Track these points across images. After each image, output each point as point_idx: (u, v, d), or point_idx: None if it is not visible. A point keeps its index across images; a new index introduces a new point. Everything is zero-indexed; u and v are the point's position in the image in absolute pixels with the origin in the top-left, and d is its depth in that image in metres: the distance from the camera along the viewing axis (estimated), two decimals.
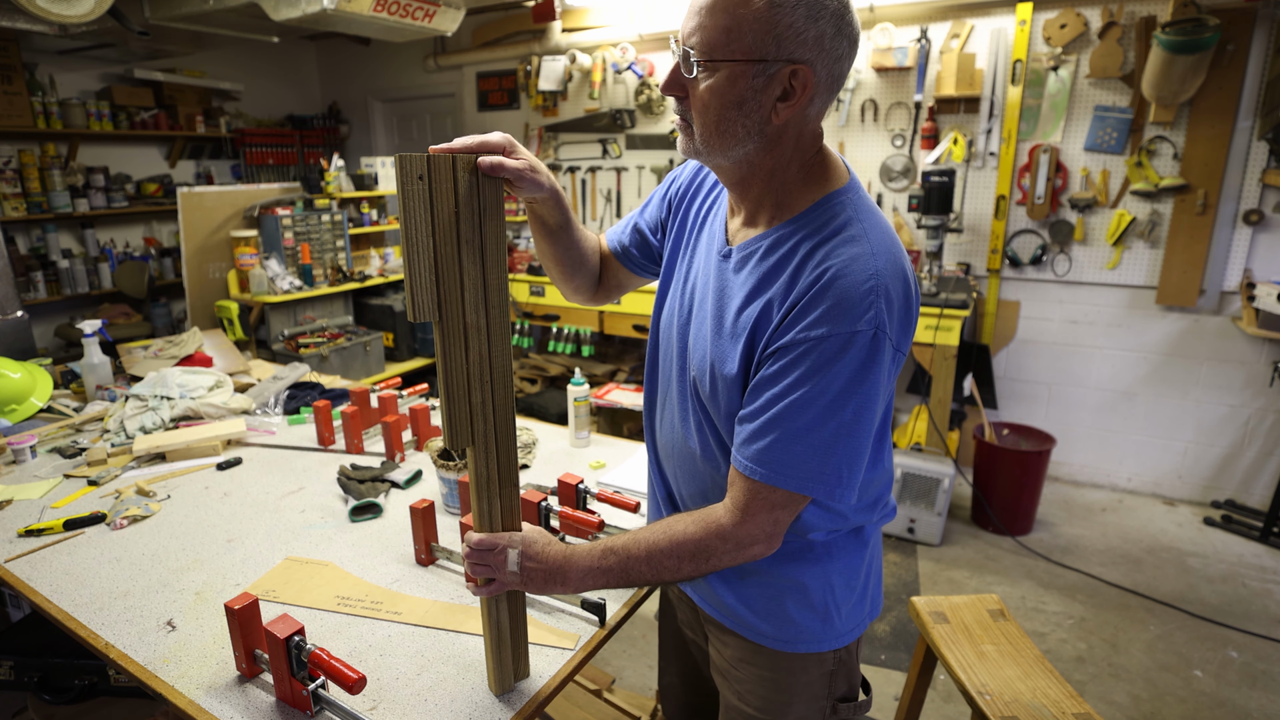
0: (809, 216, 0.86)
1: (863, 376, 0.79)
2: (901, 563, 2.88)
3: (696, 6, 0.81)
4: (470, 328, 0.85)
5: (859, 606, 1.02)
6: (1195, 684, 2.21)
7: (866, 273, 0.79)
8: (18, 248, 4.24)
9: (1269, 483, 3.16)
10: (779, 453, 0.82)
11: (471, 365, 0.86)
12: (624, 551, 0.90)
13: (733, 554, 0.87)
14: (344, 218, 4.16)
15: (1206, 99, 2.97)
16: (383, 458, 1.71)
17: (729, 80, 0.80)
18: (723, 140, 0.84)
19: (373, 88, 5.60)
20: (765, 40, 0.78)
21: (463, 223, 0.82)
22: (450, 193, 0.81)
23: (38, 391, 2.03)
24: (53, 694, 1.54)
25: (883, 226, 0.85)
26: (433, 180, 0.80)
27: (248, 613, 0.95)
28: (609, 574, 0.90)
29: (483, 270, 0.84)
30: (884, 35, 3.43)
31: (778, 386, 0.81)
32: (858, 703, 1.06)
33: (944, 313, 2.99)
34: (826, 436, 0.81)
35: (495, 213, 0.84)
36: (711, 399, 0.93)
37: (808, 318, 0.80)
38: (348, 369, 3.90)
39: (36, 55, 4.19)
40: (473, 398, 0.87)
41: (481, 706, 0.93)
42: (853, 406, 0.80)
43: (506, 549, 0.90)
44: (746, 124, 0.82)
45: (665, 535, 0.89)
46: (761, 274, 0.87)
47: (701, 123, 0.84)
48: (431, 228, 0.81)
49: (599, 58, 4.24)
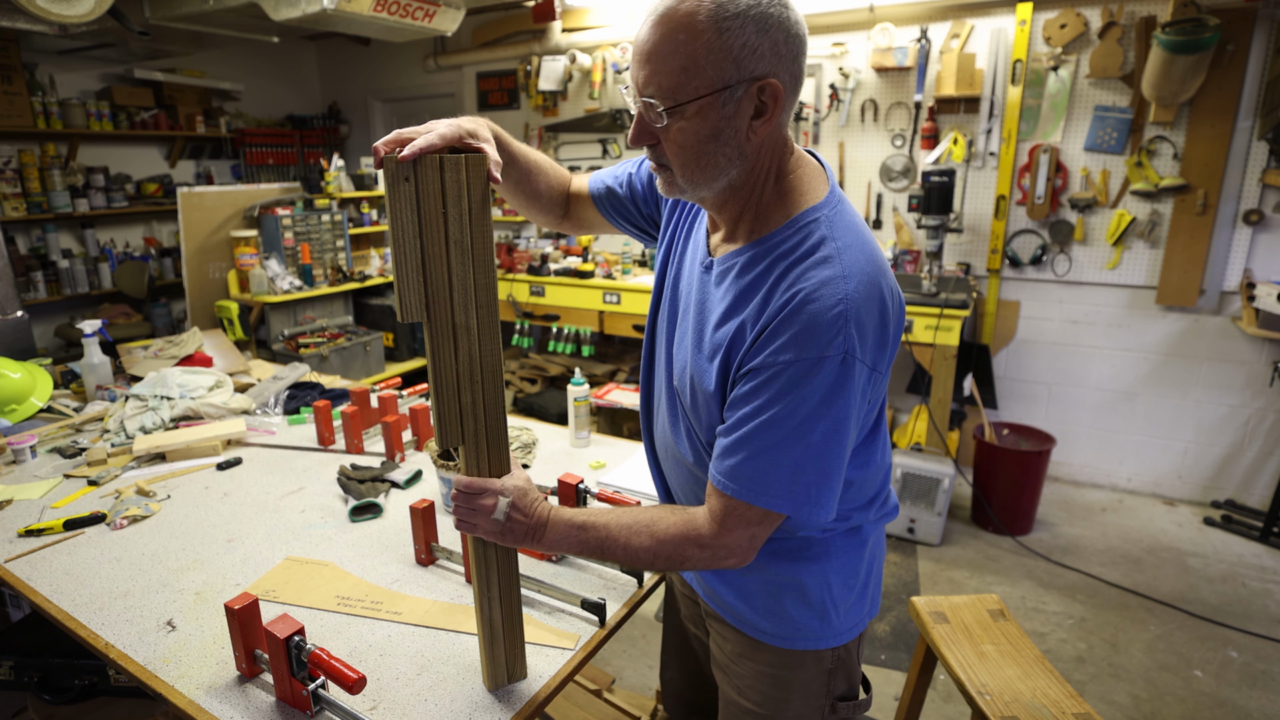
0: (782, 235, 0.86)
1: (831, 400, 0.79)
2: (901, 563, 2.88)
3: (644, 55, 0.79)
4: (459, 328, 0.85)
5: (858, 605, 1.02)
6: (1195, 684, 2.21)
7: (835, 297, 0.78)
8: (18, 248, 4.23)
9: (1269, 483, 3.16)
10: (749, 470, 0.83)
11: (461, 365, 0.86)
12: (604, 530, 0.90)
13: (707, 561, 0.88)
14: (344, 218, 4.16)
15: (1206, 99, 2.97)
16: (383, 458, 1.71)
17: (699, 116, 0.79)
18: (705, 173, 0.84)
19: (373, 88, 5.60)
20: (725, 67, 0.77)
21: (450, 223, 0.81)
22: (437, 194, 0.80)
23: (38, 391, 2.03)
24: (53, 694, 1.54)
25: (860, 244, 0.83)
26: (419, 182, 0.79)
27: (248, 613, 0.95)
28: (584, 546, 0.91)
29: (471, 270, 0.84)
30: (884, 35, 3.43)
31: (749, 407, 0.82)
32: (857, 701, 1.07)
33: (944, 313, 2.99)
34: (795, 457, 0.81)
35: (482, 212, 0.83)
36: (693, 409, 0.93)
37: (775, 342, 0.80)
38: (348, 369, 3.90)
39: (36, 55, 4.19)
40: (463, 397, 0.87)
41: (481, 706, 0.93)
42: (821, 430, 0.80)
43: (498, 496, 0.89)
44: (726, 152, 0.82)
45: (647, 530, 0.89)
46: (738, 291, 0.87)
47: (681, 163, 0.84)
48: (419, 229, 0.80)
49: (599, 58, 4.24)
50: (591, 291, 3.91)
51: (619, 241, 4.55)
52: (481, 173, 0.83)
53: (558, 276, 4.04)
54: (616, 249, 4.55)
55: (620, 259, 4.18)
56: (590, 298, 3.92)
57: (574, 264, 4.13)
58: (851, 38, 3.60)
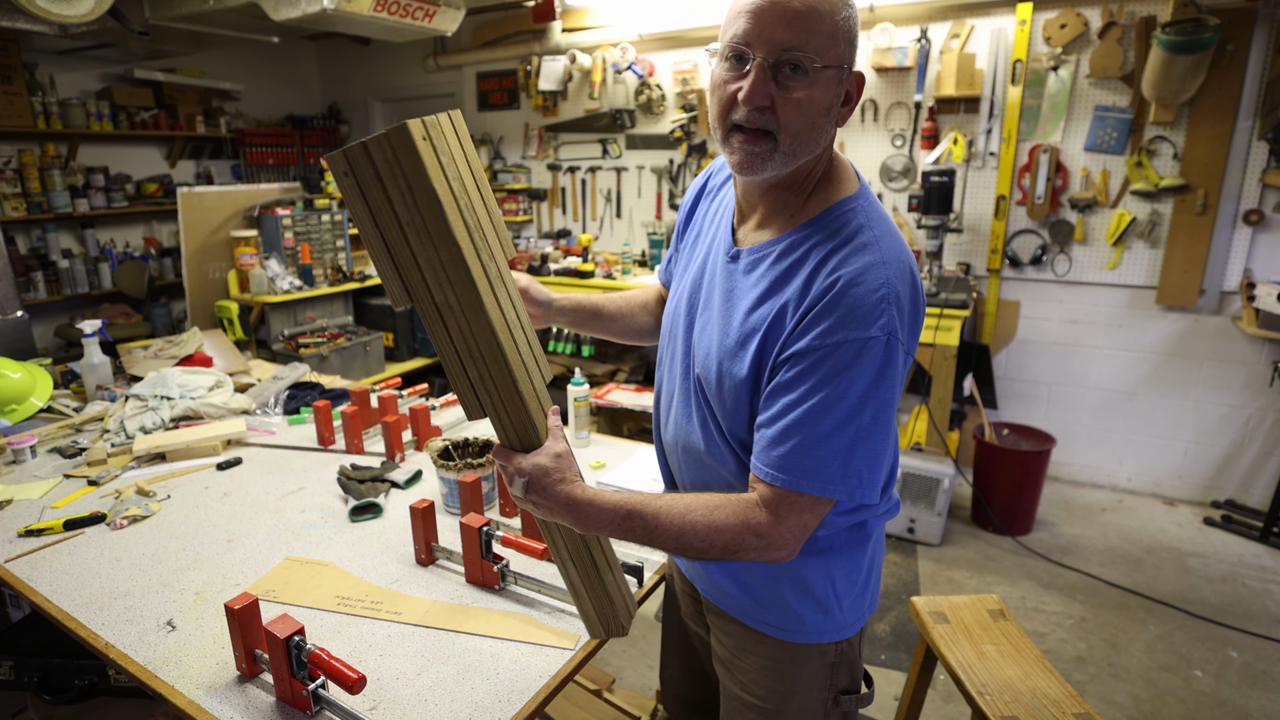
0: (822, 222, 0.88)
1: (879, 380, 0.81)
2: (901, 563, 2.88)
3: (792, 13, 0.80)
4: (442, 307, 0.83)
5: (860, 599, 1.03)
6: (1195, 684, 2.21)
7: (878, 281, 0.81)
8: (18, 248, 4.23)
9: (1269, 483, 3.16)
10: (799, 458, 0.83)
11: (457, 343, 0.85)
12: (653, 519, 0.87)
13: (760, 552, 0.86)
14: (344, 218, 4.16)
15: (1206, 99, 2.97)
16: (383, 458, 1.71)
17: (824, 86, 0.83)
18: (808, 145, 0.86)
19: (373, 88, 5.60)
20: (844, 48, 0.84)
21: (396, 205, 0.79)
22: (374, 179, 0.78)
23: (38, 391, 2.03)
24: (53, 694, 1.54)
25: (893, 233, 0.87)
26: (356, 172, 0.78)
27: (248, 613, 0.95)
28: (629, 534, 0.88)
29: (434, 248, 0.80)
30: (884, 35, 3.43)
31: (795, 393, 0.83)
32: (860, 695, 1.07)
33: (944, 313, 2.99)
34: (846, 441, 0.82)
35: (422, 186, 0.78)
36: (717, 397, 0.93)
37: (822, 324, 0.81)
38: (348, 369, 3.90)
39: (36, 55, 4.19)
40: (470, 373, 0.86)
41: (481, 706, 0.93)
42: (870, 410, 0.82)
43: (515, 476, 0.87)
44: (827, 129, 0.86)
45: (703, 520, 0.86)
46: (774, 277, 0.88)
47: (797, 129, 0.84)
48: (372, 219, 0.80)
49: (599, 58, 4.24)
50: (592, 292, 3.90)
51: (619, 241, 4.55)
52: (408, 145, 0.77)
53: (558, 276, 4.04)
54: (616, 249, 4.55)
55: (620, 259, 4.18)
56: None
57: (574, 264, 4.13)
58: None
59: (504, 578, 1.18)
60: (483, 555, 1.17)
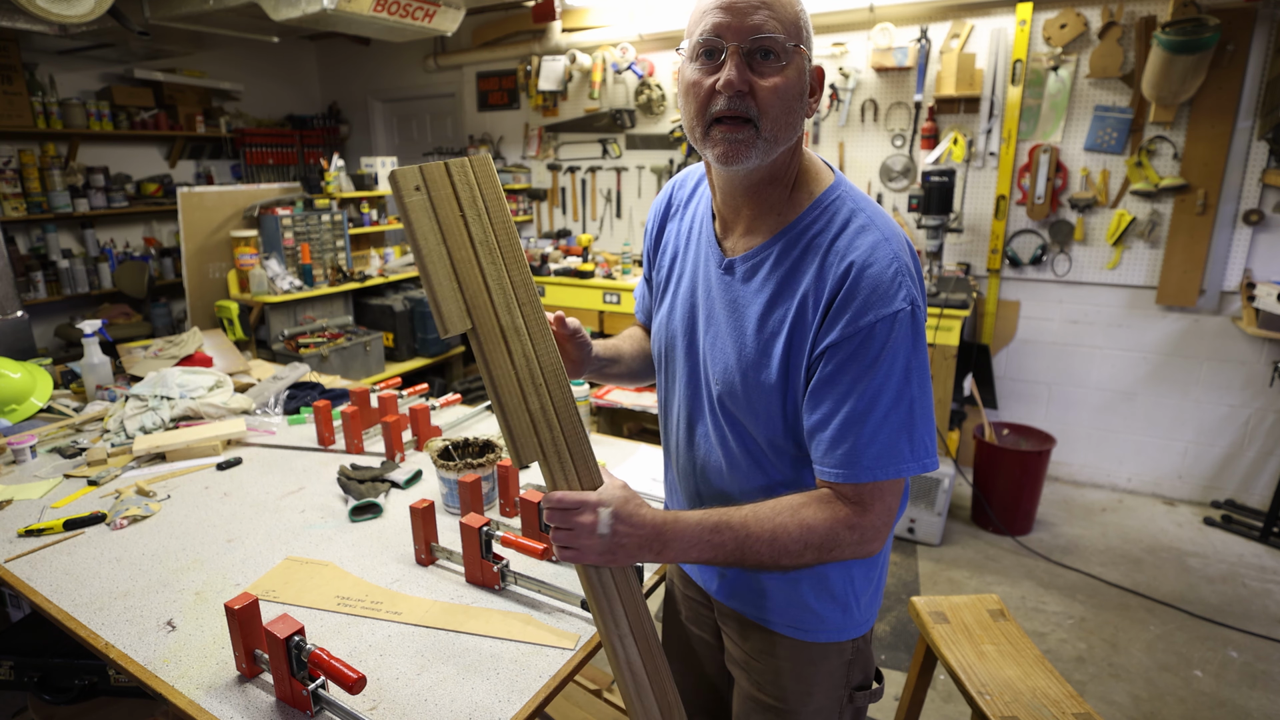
0: (811, 216, 0.89)
1: (916, 348, 0.83)
2: (901, 563, 2.88)
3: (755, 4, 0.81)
4: (507, 330, 0.81)
5: (875, 596, 1.04)
6: (1195, 684, 2.21)
7: (888, 257, 0.83)
8: (18, 248, 4.23)
9: (1269, 483, 3.16)
10: (865, 448, 0.83)
11: (520, 369, 0.82)
12: (742, 529, 0.83)
13: (854, 547, 0.85)
14: (344, 218, 4.16)
15: (1206, 99, 2.97)
16: (383, 458, 1.71)
17: (796, 70, 0.85)
18: (787, 129, 0.86)
19: (373, 88, 5.60)
20: (805, 36, 0.85)
21: (471, 224, 0.80)
22: (451, 197, 0.80)
23: (38, 391, 2.03)
24: (53, 694, 1.54)
25: (880, 211, 0.90)
26: (430, 189, 0.79)
27: (248, 613, 0.95)
28: (719, 550, 0.83)
29: (504, 268, 0.81)
30: (884, 35, 3.43)
31: (841, 386, 0.83)
32: (872, 690, 1.08)
33: (944, 313, 2.99)
34: (903, 415, 0.83)
35: (499, 208, 0.82)
36: (747, 408, 0.92)
37: (849, 312, 0.82)
38: (348, 369, 3.90)
39: (36, 55, 4.19)
40: (530, 404, 0.82)
41: (481, 706, 0.93)
42: (915, 379, 0.84)
43: (597, 508, 0.81)
44: (800, 113, 0.87)
45: (794, 519, 0.83)
46: (780, 278, 0.88)
47: (775, 112, 0.84)
48: (441, 236, 0.79)
49: (599, 58, 4.24)
50: (592, 291, 3.91)
51: (619, 241, 4.55)
52: (489, 171, 0.82)
53: (558, 276, 4.04)
54: (616, 249, 4.55)
55: (620, 259, 4.18)
56: (590, 298, 3.92)
57: (574, 264, 4.13)
58: (851, 38, 3.59)
59: (504, 578, 1.18)
60: (483, 555, 1.17)
